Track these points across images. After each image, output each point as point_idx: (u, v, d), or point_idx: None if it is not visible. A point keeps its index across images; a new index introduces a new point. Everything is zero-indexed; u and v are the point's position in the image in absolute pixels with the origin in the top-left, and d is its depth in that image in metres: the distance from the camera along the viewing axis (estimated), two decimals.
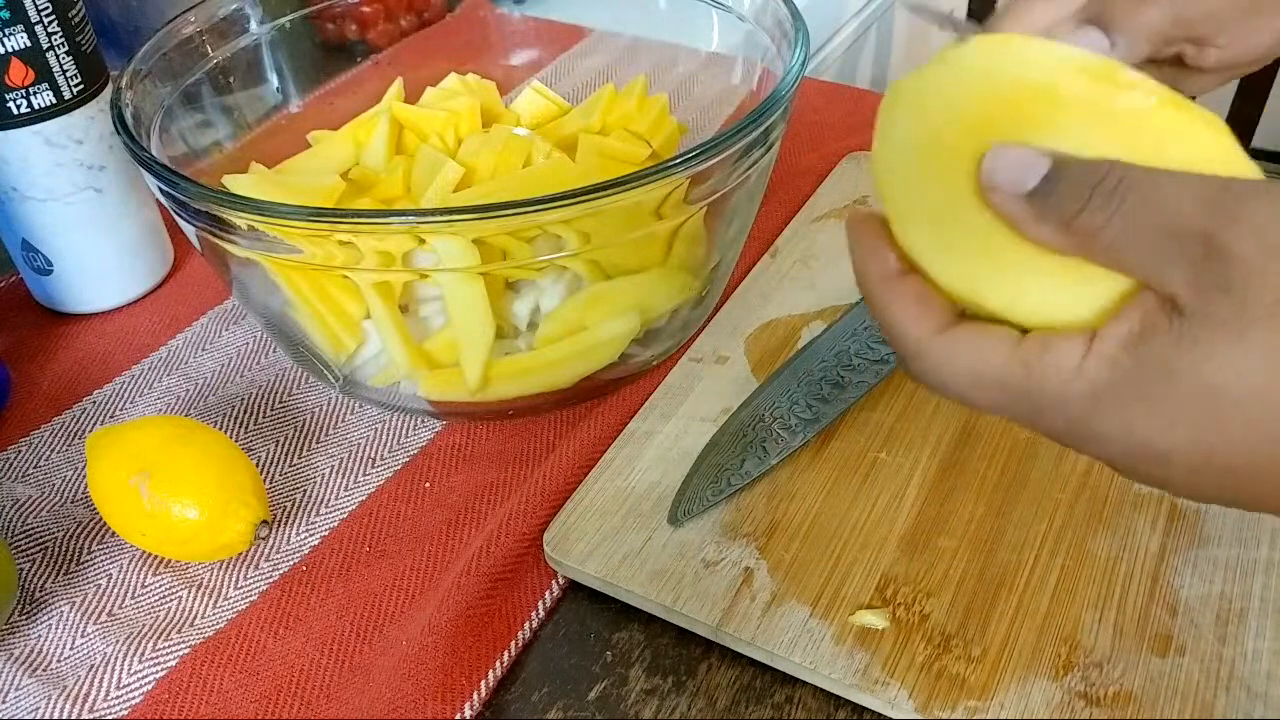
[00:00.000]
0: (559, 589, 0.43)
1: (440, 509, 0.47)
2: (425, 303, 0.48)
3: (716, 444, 0.47)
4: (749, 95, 0.57)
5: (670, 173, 0.41)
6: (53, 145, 0.53)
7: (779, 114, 0.45)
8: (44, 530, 0.47)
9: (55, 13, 0.51)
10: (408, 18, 0.67)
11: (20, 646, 0.42)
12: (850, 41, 1.44)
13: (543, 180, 0.50)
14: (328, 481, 0.48)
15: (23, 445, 0.51)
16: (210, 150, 0.55)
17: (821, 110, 0.72)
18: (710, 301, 0.53)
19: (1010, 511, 0.44)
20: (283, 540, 0.46)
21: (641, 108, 0.58)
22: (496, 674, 0.40)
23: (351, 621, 0.42)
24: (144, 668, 0.41)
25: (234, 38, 0.56)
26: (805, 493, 0.45)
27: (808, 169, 0.66)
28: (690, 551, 0.43)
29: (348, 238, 0.41)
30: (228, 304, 0.59)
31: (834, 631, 0.40)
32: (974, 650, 0.39)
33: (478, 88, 0.61)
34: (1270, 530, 0.43)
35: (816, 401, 0.48)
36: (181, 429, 0.45)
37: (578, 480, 0.46)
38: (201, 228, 0.44)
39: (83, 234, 0.56)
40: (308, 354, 0.50)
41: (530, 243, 0.44)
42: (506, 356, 0.48)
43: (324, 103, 0.61)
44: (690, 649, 0.41)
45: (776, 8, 0.52)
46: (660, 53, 0.63)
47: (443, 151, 0.55)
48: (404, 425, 0.51)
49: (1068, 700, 0.37)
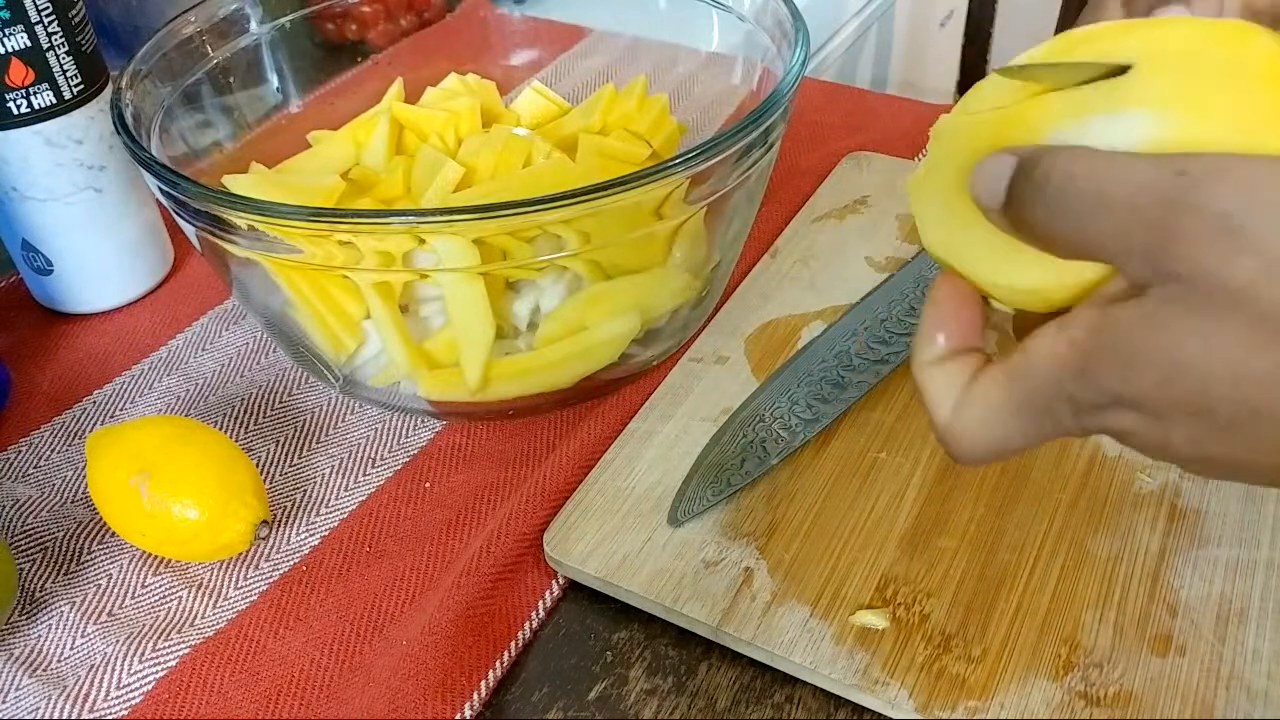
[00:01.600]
0: (559, 589, 0.43)
1: (440, 509, 0.47)
2: (425, 303, 0.48)
3: (716, 444, 0.47)
4: (749, 95, 0.57)
5: (670, 173, 0.41)
6: (53, 145, 0.53)
7: (779, 114, 0.45)
8: (44, 530, 0.47)
9: (55, 13, 0.51)
10: (408, 18, 0.67)
11: (20, 646, 0.42)
12: (850, 41, 1.44)
13: (543, 180, 0.50)
14: (328, 481, 0.48)
15: (23, 445, 0.51)
16: (210, 150, 0.55)
17: (821, 110, 0.72)
18: (710, 301, 0.53)
19: (1010, 511, 0.44)
20: (283, 540, 0.46)
21: (641, 108, 0.58)
22: (496, 674, 0.40)
23: (351, 621, 0.42)
24: (144, 668, 0.41)
25: (234, 38, 0.56)
26: (805, 493, 0.45)
27: (808, 169, 0.66)
28: (690, 551, 0.43)
29: (348, 238, 0.41)
30: (228, 304, 0.59)
31: (834, 631, 0.40)
32: (974, 650, 0.39)
33: (478, 88, 0.61)
34: (1270, 530, 0.43)
35: (816, 401, 0.48)
36: (181, 429, 0.45)
37: (578, 480, 0.46)
38: (201, 228, 0.44)
39: (83, 234, 0.56)
40: (308, 354, 0.50)
41: (530, 243, 0.44)
42: (506, 356, 0.48)
43: (324, 103, 0.61)
44: (690, 649, 0.41)
45: (776, 8, 0.52)
46: (660, 53, 0.63)
47: (443, 151, 0.55)
48: (404, 425, 0.51)
49: (1068, 700, 0.37)
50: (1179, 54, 0.28)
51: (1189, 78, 0.28)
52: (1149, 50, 0.28)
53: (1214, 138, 0.26)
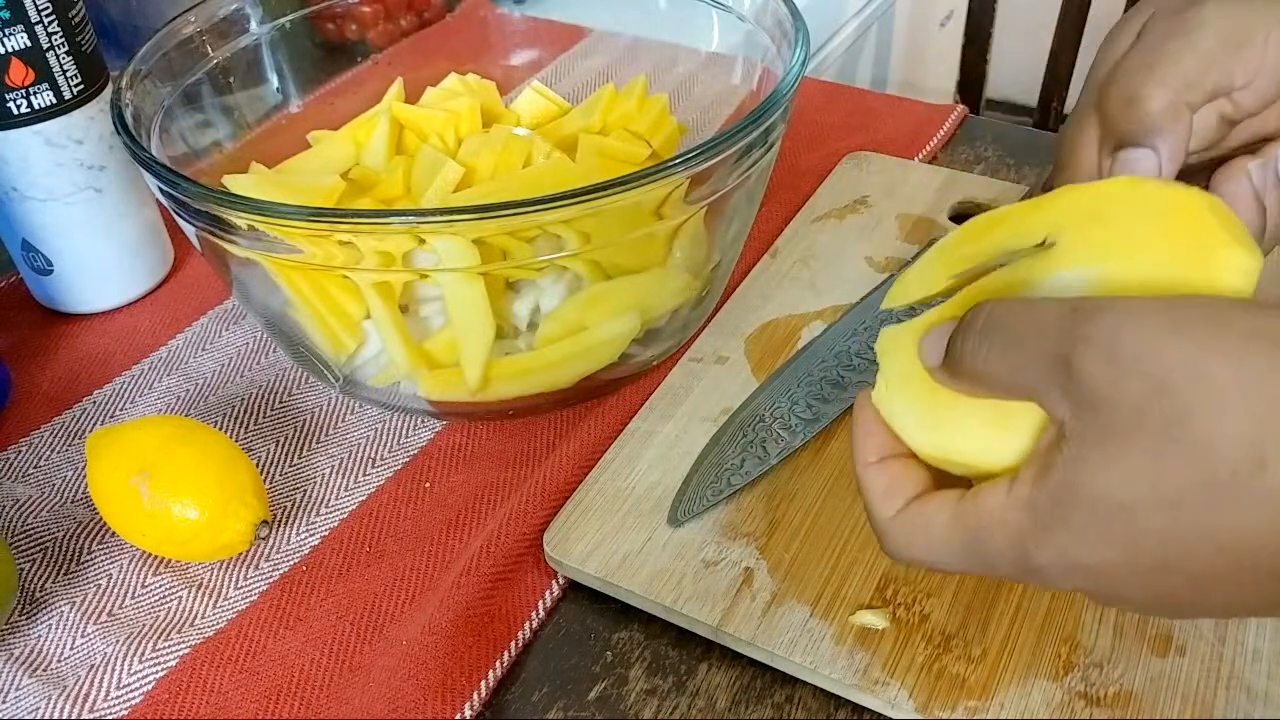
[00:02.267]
0: (559, 589, 0.43)
1: (440, 509, 0.47)
2: (425, 303, 0.48)
3: (716, 444, 0.47)
4: (749, 95, 0.57)
5: (670, 173, 0.41)
6: (53, 145, 0.53)
7: (779, 114, 0.45)
8: (44, 530, 0.47)
9: (55, 13, 0.51)
10: (408, 18, 0.67)
11: (20, 646, 0.42)
12: (850, 41, 1.44)
13: (543, 180, 0.50)
14: (328, 481, 0.48)
15: (23, 445, 0.51)
16: (210, 150, 0.55)
17: (821, 110, 0.72)
18: (710, 301, 0.53)
19: None
20: (283, 540, 0.46)
21: (641, 108, 0.58)
22: (496, 674, 0.40)
23: (351, 621, 0.42)
24: (144, 668, 0.41)
25: (234, 38, 0.56)
26: (805, 493, 0.45)
27: (808, 169, 0.66)
28: (690, 551, 0.43)
29: (348, 238, 0.41)
30: (228, 304, 0.59)
31: (834, 631, 0.40)
32: (974, 650, 0.39)
33: (478, 88, 0.61)
34: None
35: (816, 401, 0.48)
36: (181, 429, 0.45)
37: (578, 480, 0.46)
38: (201, 228, 0.44)
39: (83, 234, 0.56)
40: (308, 354, 0.50)
41: (530, 243, 0.44)
42: (506, 356, 0.48)
43: (324, 103, 0.61)
44: (690, 649, 0.41)
45: (776, 8, 0.52)
46: (660, 53, 0.63)
47: (443, 151, 0.55)
48: (404, 425, 0.51)
49: (1068, 700, 0.37)
50: (1090, 216, 0.31)
51: (1110, 232, 0.31)
52: (1065, 220, 0.32)
53: (1141, 278, 0.29)
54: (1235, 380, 0.25)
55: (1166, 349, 0.26)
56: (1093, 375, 0.27)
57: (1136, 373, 0.26)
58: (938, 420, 0.32)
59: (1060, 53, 1.29)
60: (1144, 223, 0.30)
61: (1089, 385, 0.27)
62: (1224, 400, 0.25)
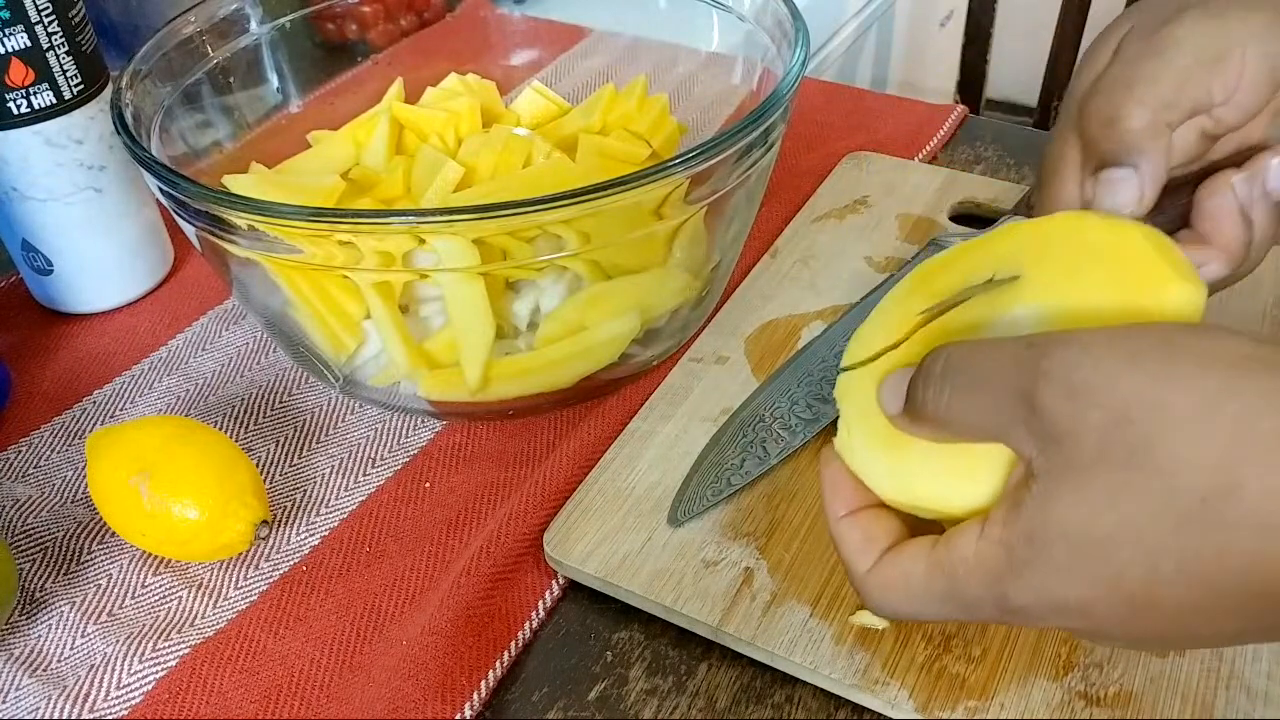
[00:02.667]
0: (559, 589, 0.43)
1: (440, 509, 0.47)
2: (425, 303, 0.48)
3: (716, 444, 0.47)
4: (749, 95, 0.57)
5: (670, 173, 0.41)
6: (53, 145, 0.53)
7: (779, 114, 0.45)
8: (44, 530, 0.47)
9: (55, 13, 0.51)
10: (408, 18, 0.67)
11: (20, 646, 0.42)
12: (850, 41, 1.44)
13: (543, 180, 0.50)
14: (328, 481, 0.48)
15: (23, 445, 0.51)
16: (210, 150, 0.55)
17: (821, 110, 0.72)
18: (710, 301, 0.53)
19: None
20: (283, 540, 0.46)
21: (641, 108, 0.58)
22: (496, 674, 0.40)
23: (351, 621, 0.42)
24: (144, 668, 0.41)
25: (234, 38, 0.56)
26: (805, 493, 0.45)
27: (808, 169, 0.66)
28: (690, 551, 0.43)
29: (348, 238, 0.41)
30: (228, 304, 0.59)
31: (834, 631, 0.40)
32: (974, 650, 0.39)
33: (478, 88, 0.61)
34: None
35: (816, 401, 0.48)
36: (181, 429, 0.45)
37: (578, 480, 0.46)
38: (201, 228, 0.44)
39: (83, 234, 0.56)
40: (308, 354, 0.50)
41: (530, 243, 0.44)
42: (506, 356, 0.48)
43: (324, 103, 0.61)
44: (690, 649, 0.41)
45: (776, 8, 0.52)
46: (660, 53, 0.63)
47: (443, 151, 0.55)
48: (404, 425, 0.51)
49: (1068, 700, 0.37)
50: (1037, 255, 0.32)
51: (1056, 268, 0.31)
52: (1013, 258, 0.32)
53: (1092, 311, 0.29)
54: (1193, 407, 0.25)
55: (1122, 379, 0.26)
56: (1054, 410, 0.26)
57: (1095, 404, 0.26)
58: (903, 467, 0.32)
59: (1060, 53, 1.29)
60: (1089, 260, 0.31)
61: (1051, 420, 0.27)
62: (1183, 428, 0.25)
